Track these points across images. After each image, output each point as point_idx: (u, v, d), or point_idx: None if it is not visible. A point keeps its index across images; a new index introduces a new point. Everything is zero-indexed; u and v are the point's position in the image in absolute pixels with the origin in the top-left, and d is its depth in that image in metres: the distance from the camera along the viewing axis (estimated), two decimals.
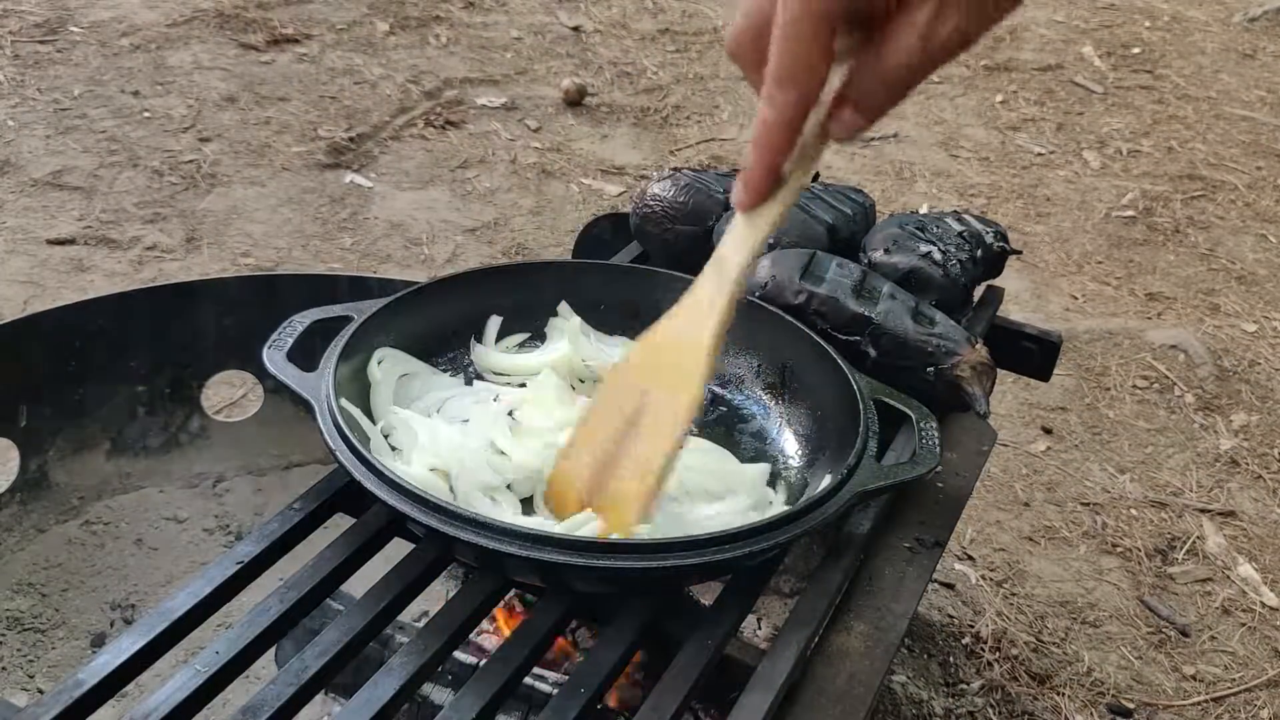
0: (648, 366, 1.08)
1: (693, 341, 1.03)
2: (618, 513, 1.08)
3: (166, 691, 0.95)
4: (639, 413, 1.07)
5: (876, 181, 3.73)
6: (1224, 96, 4.54)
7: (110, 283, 2.81)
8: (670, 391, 1.05)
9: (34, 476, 2.03)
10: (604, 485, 1.10)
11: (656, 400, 1.06)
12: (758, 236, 0.97)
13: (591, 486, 1.10)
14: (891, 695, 1.97)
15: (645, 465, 1.06)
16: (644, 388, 1.07)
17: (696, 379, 1.03)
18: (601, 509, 1.10)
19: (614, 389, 1.11)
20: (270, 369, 1.21)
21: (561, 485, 1.14)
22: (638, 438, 1.07)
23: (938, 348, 1.40)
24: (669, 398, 1.05)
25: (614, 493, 1.09)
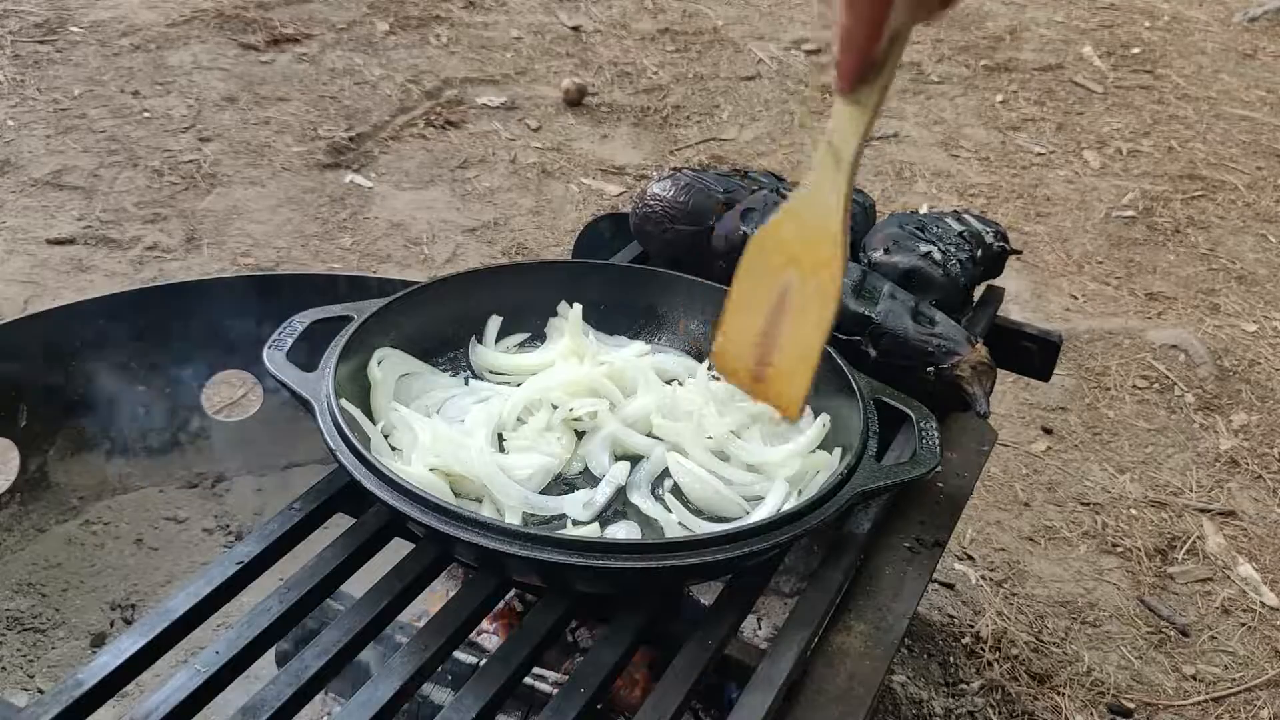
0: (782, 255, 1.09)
1: (822, 229, 1.04)
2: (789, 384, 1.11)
3: (166, 691, 0.95)
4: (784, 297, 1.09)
5: (876, 181, 3.73)
6: (1224, 96, 4.54)
7: (110, 283, 2.81)
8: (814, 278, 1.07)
9: (34, 476, 2.03)
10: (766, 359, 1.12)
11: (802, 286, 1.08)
12: (864, 119, 0.97)
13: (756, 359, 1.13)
14: (891, 695, 1.97)
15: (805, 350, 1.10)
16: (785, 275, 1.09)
17: (836, 267, 1.05)
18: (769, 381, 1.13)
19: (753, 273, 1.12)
20: (270, 369, 1.21)
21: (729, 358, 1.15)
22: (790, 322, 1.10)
23: (938, 348, 1.40)
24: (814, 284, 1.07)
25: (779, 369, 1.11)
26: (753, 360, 1.13)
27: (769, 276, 1.11)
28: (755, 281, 1.12)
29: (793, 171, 3.65)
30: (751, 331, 1.13)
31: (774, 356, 1.12)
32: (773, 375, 1.12)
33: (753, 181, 1.72)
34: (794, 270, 1.09)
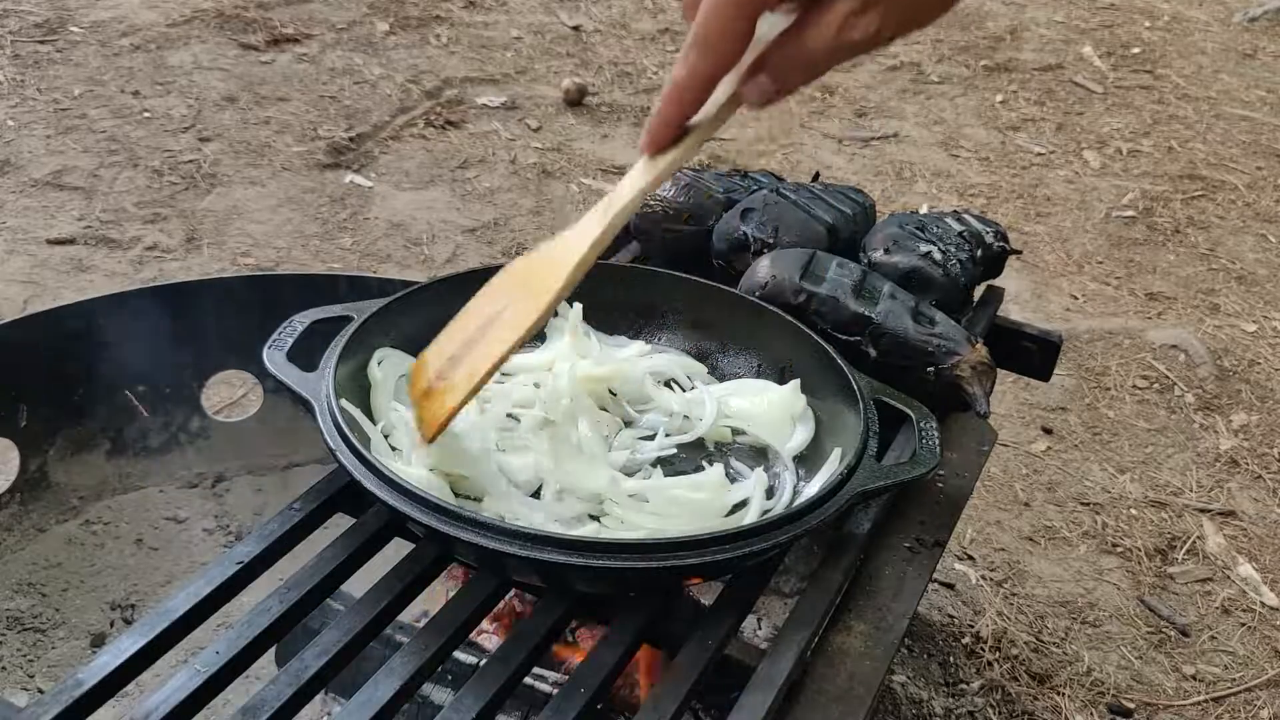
0: (517, 279, 1.11)
1: (557, 264, 1.06)
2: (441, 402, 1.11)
3: (166, 691, 0.95)
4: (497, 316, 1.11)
5: (876, 181, 3.73)
6: (1224, 96, 4.54)
7: (110, 283, 2.81)
8: (521, 304, 1.08)
9: (34, 476, 2.03)
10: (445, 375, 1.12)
11: (509, 310, 1.10)
12: (650, 178, 1.01)
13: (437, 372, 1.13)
14: (891, 695, 1.97)
15: (476, 367, 1.09)
16: (509, 295, 1.11)
17: (546, 298, 1.06)
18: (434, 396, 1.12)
19: (486, 292, 1.13)
20: (270, 369, 1.21)
21: (415, 373, 1.16)
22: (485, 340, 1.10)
23: (938, 348, 1.40)
24: (519, 310, 1.09)
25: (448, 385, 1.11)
26: (433, 373, 1.13)
27: (495, 297, 1.12)
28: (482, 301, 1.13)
29: (793, 171, 3.65)
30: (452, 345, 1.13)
31: (452, 373, 1.12)
32: (439, 390, 1.12)
33: (753, 181, 1.72)
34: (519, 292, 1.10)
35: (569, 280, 1.06)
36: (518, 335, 1.08)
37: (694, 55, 0.89)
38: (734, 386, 1.39)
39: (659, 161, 1.00)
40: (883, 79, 4.47)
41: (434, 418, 1.12)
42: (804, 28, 0.86)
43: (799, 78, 0.89)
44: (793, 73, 0.89)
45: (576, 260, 1.05)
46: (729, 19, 0.86)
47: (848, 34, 0.84)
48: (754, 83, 0.90)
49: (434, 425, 1.12)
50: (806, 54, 0.86)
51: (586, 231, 1.06)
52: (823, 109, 4.20)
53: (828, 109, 4.20)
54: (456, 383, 1.11)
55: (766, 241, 1.56)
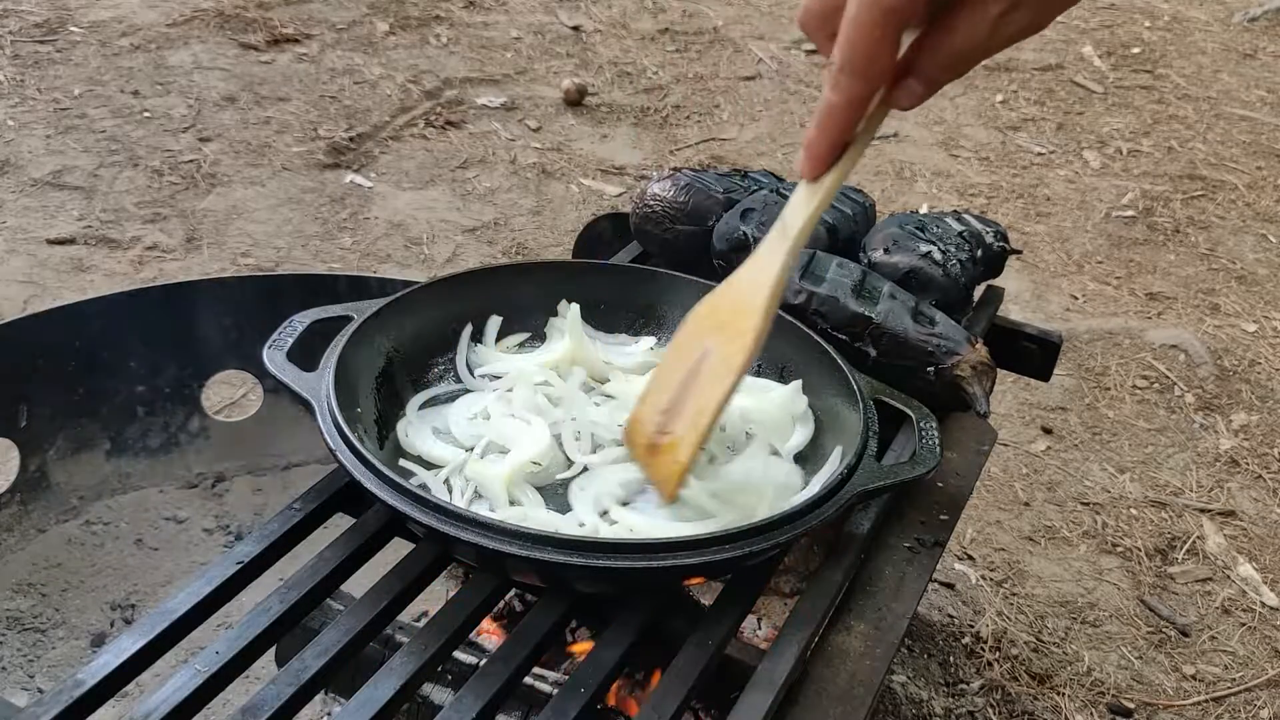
0: (710, 321, 1.12)
1: (750, 299, 1.07)
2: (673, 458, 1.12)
3: (166, 691, 0.95)
4: (700, 364, 1.11)
5: (876, 181, 3.73)
6: (1224, 96, 4.54)
7: (110, 283, 2.81)
8: (728, 347, 1.09)
9: (34, 476, 2.03)
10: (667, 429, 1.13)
11: (714, 354, 1.10)
12: (817, 202, 1.01)
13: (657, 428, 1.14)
14: (891, 695, 1.97)
15: (697, 419, 1.10)
16: (706, 342, 1.11)
17: (751, 335, 1.07)
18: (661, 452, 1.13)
19: (681, 341, 1.14)
20: (270, 369, 1.21)
21: (633, 431, 1.17)
22: (696, 389, 1.11)
23: (938, 348, 1.40)
24: (725, 354, 1.09)
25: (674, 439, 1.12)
26: (653, 429, 1.14)
27: (692, 344, 1.12)
28: (679, 351, 1.14)
29: (792, 171, 3.64)
30: (662, 399, 1.13)
31: (673, 425, 1.12)
32: (666, 446, 1.13)
33: (753, 181, 1.72)
34: (716, 336, 1.10)
35: (765, 318, 1.06)
36: (734, 375, 1.08)
37: (845, 79, 0.88)
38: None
39: (823, 181, 0.99)
40: None
41: (669, 473, 1.13)
42: (952, 28, 0.85)
43: (948, 76, 0.90)
44: (943, 72, 0.89)
45: (768, 294, 1.06)
46: (877, 39, 0.85)
47: (1003, 30, 0.84)
48: (903, 88, 0.91)
49: (672, 481, 1.13)
50: (959, 53, 0.86)
51: (769, 264, 1.06)
52: None
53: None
54: (683, 435, 1.11)
55: None
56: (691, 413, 1.11)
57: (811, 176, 0.99)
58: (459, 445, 1.26)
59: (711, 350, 1.10)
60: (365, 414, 1.25)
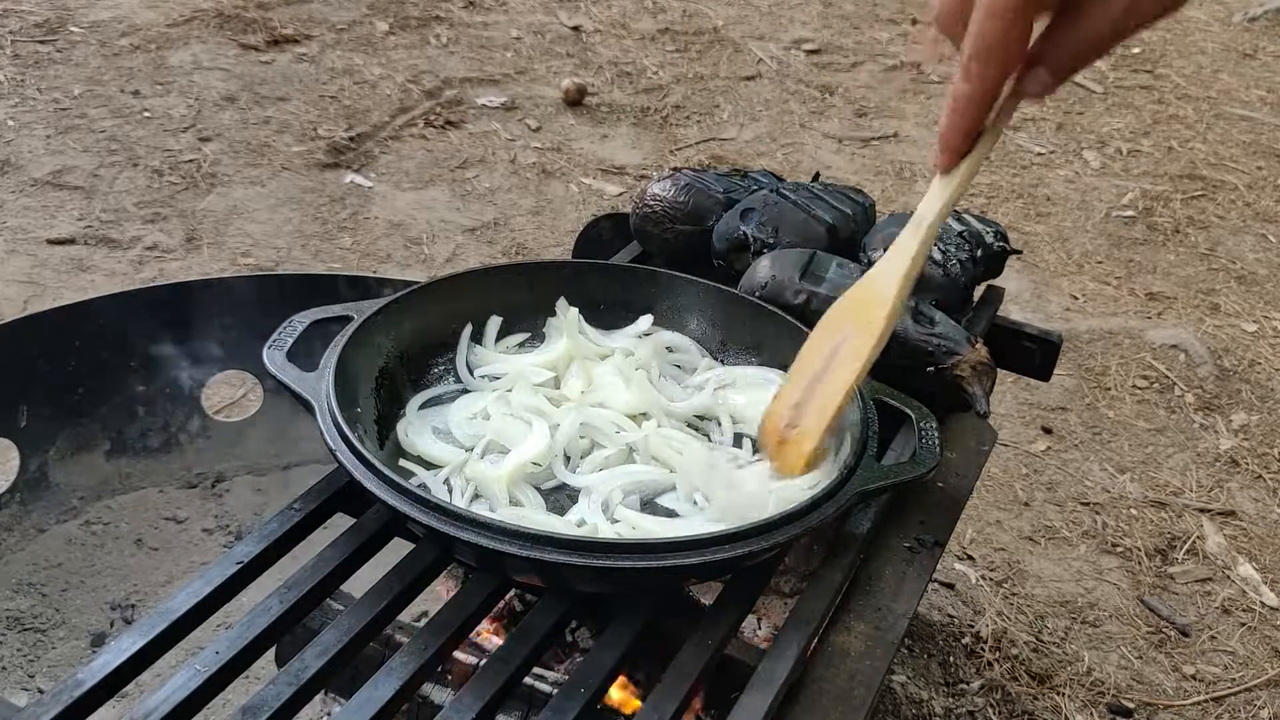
0: (844, 316, 1.14)
1: (881, 290, 1.10)
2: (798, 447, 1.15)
3: (166, 691, 0.95)
4: (831, 358, 1.14)
5: (876, 181, 3.73)
6: (1224, 96, 4.54)
7: (110, 283, 2.81)
8: (857, 339, 1.12)
9: (34, 476, 2.03)
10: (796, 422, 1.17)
11: (845, 345, 1.13)
12: (951, 192, 1.02)
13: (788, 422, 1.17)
14: (891, 695, 1.97)
15: (824, 406, 1.14)
16: (838, 336, 1.14)
17: (881, 324, 1.09)
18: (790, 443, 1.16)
19: (820, 333, 1.17)
20: (270, 369, 1.21)
21: (766, 426, 1.20)
22: (827, 379, 1.14)
23: (938, 348, 1.40)
24: (853, 345, 1.12)
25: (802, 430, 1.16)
26: (784, 424, 1.17)
27: (825, 341, 1.15)
28: (812, 349, 1.16)
29: (793, 171, 3.65)
30: (794, 395, 1.16)
31: (801, 419, 1.16)
32: (793, 439, 1.16)
33: (753, 181, 1.72)
34: (850, 328, 1.13)
35: (894, 308, 1.09)
36: (860, 362, 1.11)
37: (978, 66, 0.89)
38: (739, 374, 1.39)
39: (955, 173, 1.00)
40: (883, 79, 4.47)
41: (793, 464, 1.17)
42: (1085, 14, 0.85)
43: (1079, 64, 0.89)
44: (1074, 60, 0.89)
45: (897, 287, 1.08)
46: (1010, 25, 0.85)
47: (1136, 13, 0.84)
48: (1033, 77, 0.91)
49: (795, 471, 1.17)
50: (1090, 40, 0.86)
51: (901, 256, 1.08)
52: (823, 109, 4.20)
53: (828, 109, 4.20)
54: (809, 426, 1.15)
55: (766, 241, 1.56)
56: (817, 405, 1.15)
57: (945, 168, 1.00)
58: (459, 445, 1.26)
59: (843, 342, 1.13)
60: (365, 414, 1.25)
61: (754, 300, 1.43)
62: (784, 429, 1.17)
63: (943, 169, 1.00)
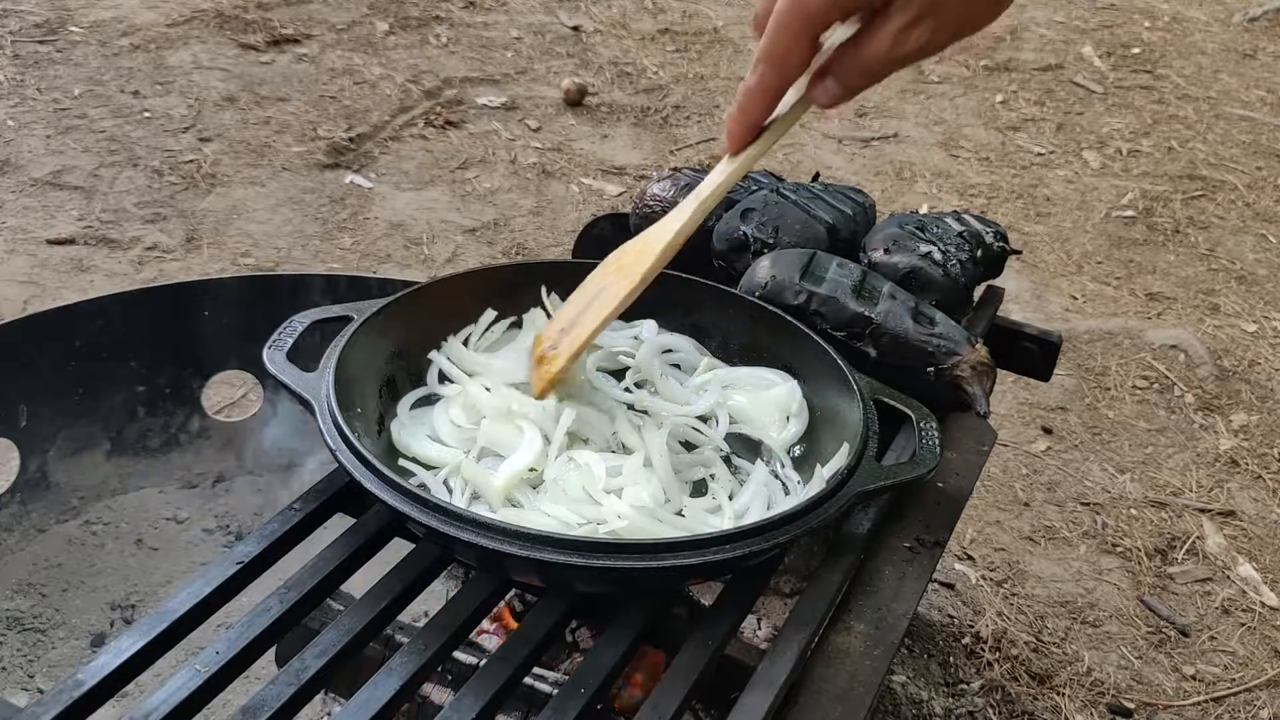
0: (614, 264, 1.27)
1: (650, 247, 1.22)
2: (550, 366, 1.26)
3: (166, 691, 0.95)
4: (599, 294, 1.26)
5: (876, 181, 3.73)
6: (1224, 96, 4.54)
7: (110, 283, 2.81)
8: (618, 284, 1.23)
9: (34, 476, 2.03)
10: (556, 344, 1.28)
11: (608, 290, 1.25)
12: (730, 173, 1.14)
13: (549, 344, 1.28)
14: (891, 695, 1.97)
15: (577, 336, 1.25)
16: (607, 280, 1.26)
17: (639, 277, 1.21)
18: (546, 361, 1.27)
19: (598, 271, 1.28)
20: (270, 369, 1.21)
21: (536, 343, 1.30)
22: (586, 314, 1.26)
23: (938, 348, 1.40)
24: (615, 289, 1.24)
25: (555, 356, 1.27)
26: (547, 344, 1.28)
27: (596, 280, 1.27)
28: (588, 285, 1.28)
29: (793, 171, 3.65)
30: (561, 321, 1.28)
31: (561, 343, 1.27)
32: (550, 358, 1.27)
33: (752, 181, 1.72)
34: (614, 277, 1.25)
35: (658, 260, 1.20)
36: (612, 307, 1.22)
37: (763, 68, 1.00)
38: (740, 375, 1.39)
39: (739, 158, 1.12)
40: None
41: (542, 381, 1.27)
42: (862, 39, 0.95)
43: (861, 82, 0.99)
44: (855, 78, 0.98)
45: (665, 243, 1.20)
46: (793, 38, 0.96)
47: (901, 46, 0.93)
48: (821, 86, 1.01)
49: (539, 386, 1.27)
50: (865, 63, 0.95)
51: (672, 219, 1.20)
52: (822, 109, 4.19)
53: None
54: (562, 350, 1.26)
55: (766, 241, 1.56)
56: (573, 335, 1.26)
57: (733, 151, 1.11)
58: (451, 447, 1.26)
59: (606, 287, 1.25)
60: (365, 414, 1.25)
61: (754, 300, 1.42)
62: (546, 348, 1.27)
63: (730, 153, 1.11)
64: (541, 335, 1.30)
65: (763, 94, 1.03)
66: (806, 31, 0.96)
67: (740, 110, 1.06)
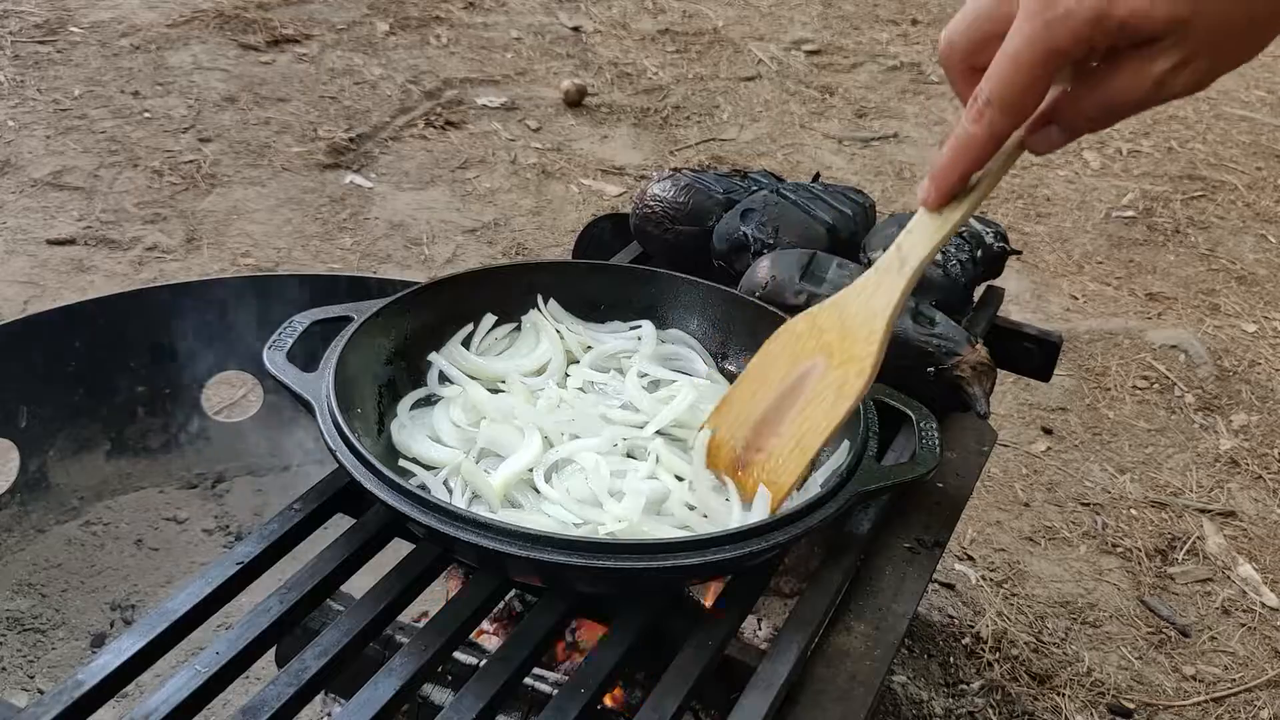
0: (813, 343, 1.10)
1: (865, 327, 1.06)
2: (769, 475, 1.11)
3: (166, 691, 0.95)
4: (801, 383, 1.09)
5: (876, 181, 3.73)
6: (1224, 96, 4.54)
7: (110, 283, 2.82)
8: (841, 370, 1.07)
9: (34, 476, 2.03)
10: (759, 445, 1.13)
11: (824, 375, 1.08)
12: (940, 235, 0.99)
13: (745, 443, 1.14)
14: (892, 695, 1.97)
15: (804, 439, 1.09)
16: (810, 361, 1.09)
17: (870, 364, 1.05)
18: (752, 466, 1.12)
19: (775, 355, 1.13)
20: (270, 369, 1.21)
21: (716, 442, 1.16)
22: (797, 408, 1.09)
23: (938, 348, 1.40)
24: (838, 376, 1.07)
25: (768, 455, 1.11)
26: (742, 444, 1.13)
27: (792, 359, 1.10)
28: (774, 362, 1.12)
29: (793, 172, 3.65)
30: (752, 412, 1.12)
31: (769, 442, 1.12)
32: (761, 462, 1.12)
33: (753, 182, 1.72)
34: (822, 358, 1.08)
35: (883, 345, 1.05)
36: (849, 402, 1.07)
37: (993, 113, 0.86)
38: (721, 392, 1.37)
39: (947, 214, 0.98)
40: (883, 79, 4.47)
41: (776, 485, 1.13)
42: (1109, 78, 0.83)
43: (1093, 127, 0.88)
44: (1089, 123, 0.87)
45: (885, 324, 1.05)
46: (1036, 79, 0.83)
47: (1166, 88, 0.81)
48: (1043, 134, 0.90)
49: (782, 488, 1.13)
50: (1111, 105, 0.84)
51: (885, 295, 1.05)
52: (823, 109, 4.20)
53: (828, 109, 4.20)
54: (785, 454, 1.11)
55: (766, 242, 1.56)
56: (794, 432, 1.10)
57: (935, 206, 0.98)
58: (451, 447, 1.26)
59: (817, 372, 1.08)
60: (365, 415, 1.25)
61: (754, 301, 1.42)
62: (742, 450, 1.13)
63: (931, 205, 0.98)
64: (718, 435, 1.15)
65: (987, 141, 0.89)
66: (1051, 70, 0.83)
67: (955, 157, 0.92)
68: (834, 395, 1.07)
